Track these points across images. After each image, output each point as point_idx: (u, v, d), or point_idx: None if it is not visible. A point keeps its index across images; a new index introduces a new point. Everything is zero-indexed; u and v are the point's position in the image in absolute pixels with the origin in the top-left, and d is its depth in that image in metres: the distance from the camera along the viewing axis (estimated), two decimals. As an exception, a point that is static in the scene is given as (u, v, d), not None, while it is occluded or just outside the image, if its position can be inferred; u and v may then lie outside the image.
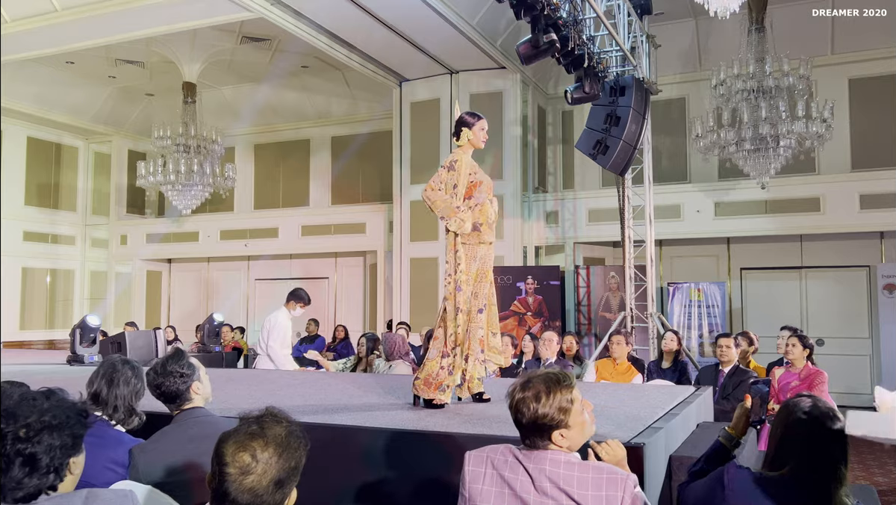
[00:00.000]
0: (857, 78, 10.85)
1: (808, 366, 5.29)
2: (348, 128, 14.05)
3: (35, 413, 1.72)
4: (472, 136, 3.96)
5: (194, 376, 2.75)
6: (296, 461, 1.60)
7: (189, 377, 2.72)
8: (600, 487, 2.05)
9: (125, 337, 6.89)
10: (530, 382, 2.15)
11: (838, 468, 2.11)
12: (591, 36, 7.19)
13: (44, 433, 1.71)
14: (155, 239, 14.65)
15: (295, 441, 1.60)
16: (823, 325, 10.72)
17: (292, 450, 1.58)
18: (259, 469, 1.52)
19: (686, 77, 11.63)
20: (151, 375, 2.74)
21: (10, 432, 1.67)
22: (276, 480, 1.54)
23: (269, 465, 1.53)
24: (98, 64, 12.23)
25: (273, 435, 1.57)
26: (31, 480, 1.68)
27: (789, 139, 9.11)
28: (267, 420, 1.62)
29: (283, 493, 1.57)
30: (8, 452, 1.66)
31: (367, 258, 13.65)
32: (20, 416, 1.71)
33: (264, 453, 1.53)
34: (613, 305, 11.01)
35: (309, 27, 9.60)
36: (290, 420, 1.68)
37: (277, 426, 1.60)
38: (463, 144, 3.98)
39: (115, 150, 15.11)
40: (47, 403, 1.77)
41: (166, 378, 2.70)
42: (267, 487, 1.53)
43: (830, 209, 10.29)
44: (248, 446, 1.54)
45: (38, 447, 1.69)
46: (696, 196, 10.99)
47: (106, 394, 2.75)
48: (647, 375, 6.59)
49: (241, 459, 1.53)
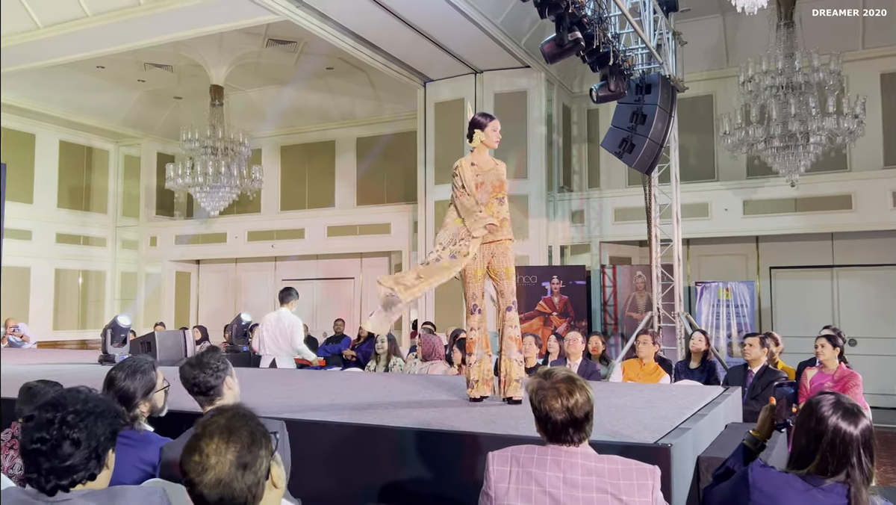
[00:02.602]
0: (889, 73, 10.63)
1: (842, 367, 5.20)
2: (373, 129, 14.11)
3: (81, 402, 1.84)
4: (485, 137, 3.97)
5: (227, 371, 2.78)
6: (250, 438, 1.56)
7: (223, 372, 2.76)
8: (631, 476, 2.09)
9: (154, 337, 7.00)
10: (556, 379, 2.17)
11: (864, 466, 2.07)
12: (616, 33, 7.14)
13: (90, 419, 1.81)
14: (183, 240, 14.84)
15: (239, 421, 1.57)
16: (856, 324, 10.52)
17: (238, 430, 1.55)
18: (212, 461, 1.51)
19: (713, 74, 11.49)
20: (186, 369, 2.77)
21: (59, 416, 1.78)
22: (237, 463, 1.52)
23: (219, 452, 1.51)
24: (127, 68, 12.42)
25: (214, 427, 1.55)
26: (76, 461, 1.77)
27: (819, 136, 8.96)
28: (206, 419, 1.61)
29: (255, 473, 1.53)
30: (56, 435, 1.76)
31: (391, 258, 13.70)
32: (69, 402, 1.83)
33: (210, 446, 1.52)
34: (640, 305, 10.91)
35: (334, 29, 9.66)
36: (232, 407, 1.65)
37: (218, 417, 1.58)
38: (476, 146, 4.00)
39: (145, 152, 15.35)
40: (90, 395, 1.89)
41: (202, 370, 2.73)
42: (230, 474, 1.51)
43: (862, 206, 10.10)
44: (195, 448, 1.53)
45: (84, 432, 1.79)
46: (724, 194, 10.86)
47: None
48: (674, 376, 6.53)
49: (192, 462, 1.52)
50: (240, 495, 1.52)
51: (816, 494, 2.08)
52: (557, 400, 2.11)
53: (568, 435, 2.13)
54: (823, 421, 2.11)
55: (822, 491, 2.08)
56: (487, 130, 3.97)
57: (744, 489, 2.20)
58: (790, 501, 2.09)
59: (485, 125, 3.97)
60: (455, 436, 3.12)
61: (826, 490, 2.07)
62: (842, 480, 2.07)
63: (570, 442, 2.14)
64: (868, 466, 2.09)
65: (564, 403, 2.10)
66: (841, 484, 2.07)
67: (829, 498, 2.07)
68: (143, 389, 2.72)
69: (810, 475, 2.11)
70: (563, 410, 2.10)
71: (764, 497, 2.13)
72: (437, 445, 3.08)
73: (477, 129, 3.97)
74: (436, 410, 3.78)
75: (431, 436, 3.12)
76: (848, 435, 2.08)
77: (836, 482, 2.08)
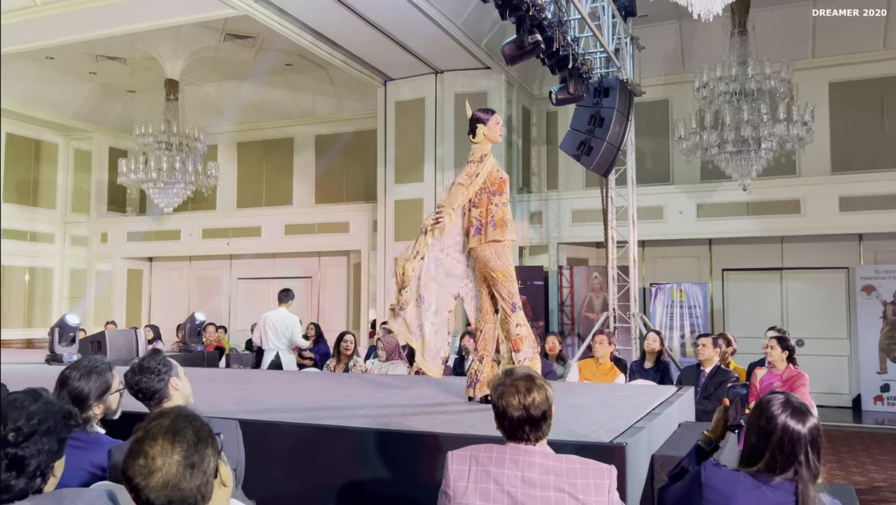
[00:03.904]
0: (838, 81, 10.97)
1: (790, 367, 5.33)
2: (332, 126, 13.99)
3: (24, 416, 1.72)
4: (488, 131, 4.00)
5: (171, 373, 2.72)
6: (196, 438, 1.52)
7: (166, 374, 2.70)
8: (588, 476, 2.12)
9: (105, 336, 6.84)
10: (515, 377, 2.19)
11: (811, 463, 2.14)
12: (575, 37, 7.23)
13: (34, 437, 1.70)
14: (136, 237, 14.52)
15: (183, 421, 1.54)
16: (803, 325, 10.83)
17: (183, 430, 1.51)
18: (158, 463, 1.47)
19: (669, 79, 11.70)
20: (129, 375, 2.71)
21: None
22: (185, 463, 1.48)
23: (165, 453, 1.47)
24: (78, 60, 12.10)
25: (157, 429, 1.51)
26: (17, 482, 1.67)
27: (770, 142, 9.20)
28: (148, 422, 1.56)
29: (204, 473, 1.50)
30: None
31: (350, 258, 13.61)
32: (9, 419, 1.70)
33: (154, 448, 1.48)
34: (596, 306, 11.05)
35: (293, 25, 9.55)
36: (174, 409, 1.62)
37: (160, 419, 1.54)
38: (480, 141, 4.01)
39: (96, 146, 14.95)
40: (35, 406, 1.76)
41: (144, 375, 2.68)
42: (178, 475, 1.47)
43: (810, 211, 10.41)
44: (138, 451, 1.49)
45: (26, 451, 1.68)
46: (679, 197, 11.07)
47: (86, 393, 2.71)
48: (629, 375, 6.63)
49: (137, 466, 1.48)
50: (189, 496, 1.48)
51: (766, 491, 2.12)
52: (515, 397, 2.13)
53: (524, 433, 2.15)
54: (773, 420, 2.16)
55: (771, 488, 2.12)
56: (490, 124, 4.00)
57: (697, 488, 2.24)
58: (741, 498, 2.14)
59: (487, 120, 4.00)
60: (414, 436, 3.11)
61: (775, 487, 2.12)
62: (790, 477, 2.12)
63: (527, 440, 2.16)
64: (815, 464, 2.14)
65: (522, 401, 2.12)
66: (789, 481, 2.12)
67: (777, 495, 2.11)
68: (98, 391, 2.64)
69: (760, 473, 2.16)
70: (520, 408, 2.13)
71: (716, 495, 2.18)
72: (397, 446, 3.07)
73: (479, 125, 4.00)
74: (395, 410, 3.77)
75: (390, 436, 3.11)
76: (796, 433, 2.13)
77: (785, 479, 2.13)
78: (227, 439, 1.93)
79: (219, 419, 2.51)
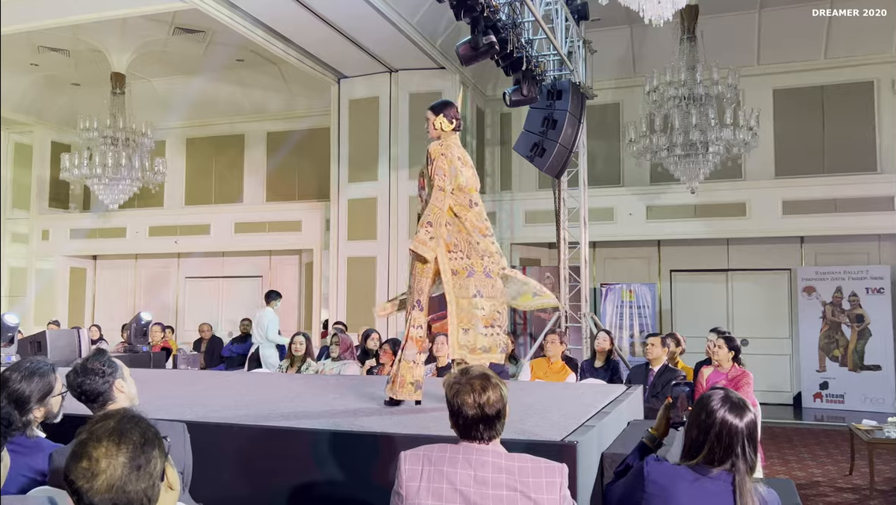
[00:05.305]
0: (781, 88, 11.30)
1: (735, 367, 5.46)
2: (285, 124, 13.81)
3: None
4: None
5: (116, 374, 2.64)
6: (142, 439, 1.49)
7: (111, 375, 2.62)
8: (540, 474, 2.14)
9: (46, 336, 6.62)
10: (471, 375, 2.19)
11: (747, 456, 2.21)
12: (529, 39, 7.29)
13: None
14: (79, 234, 14.07)
15: (128, 423, 1.50)
16: (748, 325, 11.14)
17: (128, 432, 1.48)
18: (102, 465, 1.43)
19: (621, 83, 11.89)
20: (72, 376, 2.62)
21: None
22: (130, 465, 1.44)
23: (110, 455, 1.44)
24: (18, 50, 11.65)
25: (102, 431, 1.47)
26: None
27: (718, 146, 9.42)
28: (92, 424, 1.52)
29: (150, 475, 1.46)
30: None
31: (302, 257, 13.46)
32: None
33: (99, 450, 1.44)
34: (548, 306, 11.15)
35: (245, 20, 9.39)
36: (119, 410, 1.58)
37: (105, 421, 1.50)
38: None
39: (38, 140, 14.43)
40: None
41: (87, 376, 2.59)
42: (123, 477, 1.43)
43: (755, 214, 10.72)
44: (82, 453, 1.45)
45: None
46: (629, 199, 11.26)
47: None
48: (580, 374, 6.71)
49: (80, 469, 1.43)
50: (135, 499, 1.44)
51: (705, 482, 2.21)
52: (470, 396, 2.14)
53: (478, 431, 2.16)
54: (712, 414, 2.24)
55: (709, 480, 2.21)
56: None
57: (639, 482, 2.31)
58: (681, 491, 2.21)
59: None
60: (366, 437, 3.09)
61: (713, 479, 2.21)
62: (727, 469, 2.21)
63: (481, 439, 2.17)
64: (751, 457, 2.23)
65: (476, 400, 2.13)
66: (727, 472, 2.21)
67: (716, 486, 2.20)
68: (40, 393, 2.55)
69: (699, 466, 2.24)
70: (474, 406, 2.14)
71: (658, 489, 2.25)
72: (349, 446, 3.05)
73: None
74: (347, 410, 3.74)
75: (343, 437, 3.08)
76: (734, 427, 2.22)
77: (723, 470, 2.21)
78: (174, 442, 1.88)
79: (165, 421, 2.45)
